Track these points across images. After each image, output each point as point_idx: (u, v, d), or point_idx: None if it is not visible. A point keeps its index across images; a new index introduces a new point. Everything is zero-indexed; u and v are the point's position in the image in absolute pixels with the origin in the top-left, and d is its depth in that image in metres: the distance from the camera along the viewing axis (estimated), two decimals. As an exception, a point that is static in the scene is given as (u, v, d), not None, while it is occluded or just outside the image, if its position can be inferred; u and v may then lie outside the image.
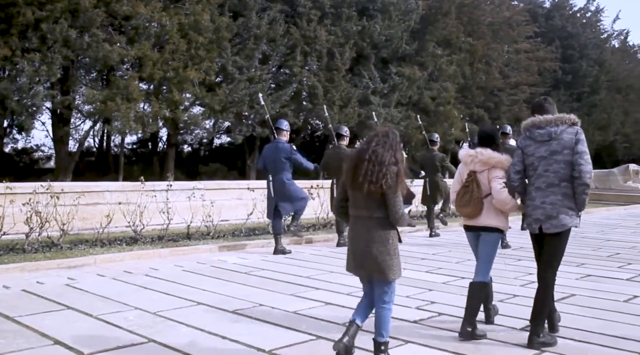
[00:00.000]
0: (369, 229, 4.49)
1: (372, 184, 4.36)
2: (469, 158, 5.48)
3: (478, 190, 5.37)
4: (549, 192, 5.06)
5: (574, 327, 5.68)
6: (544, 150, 5.07)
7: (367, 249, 4.48)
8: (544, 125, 5.10)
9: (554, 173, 5.04)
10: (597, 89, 32.32)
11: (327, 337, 5.24)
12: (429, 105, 22.48)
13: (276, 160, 9.98)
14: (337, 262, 9.17)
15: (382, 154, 4.41)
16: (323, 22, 19.29)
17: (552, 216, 5.05)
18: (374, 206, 4.46)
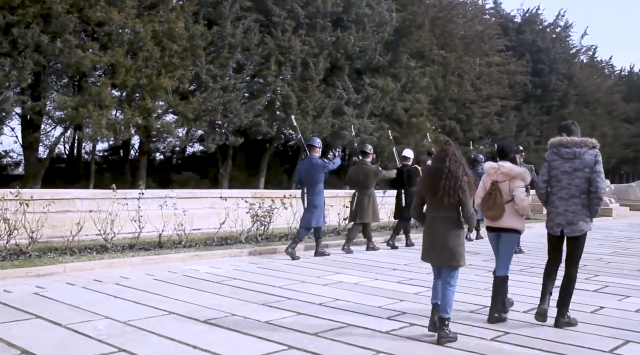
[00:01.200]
0: (447, 227, 5.68)
1: (451, 197, 5.56)
2: (492, 170, 6.44)
3: (500, 197, 6.30)
4: (571, 202, 6.07)
5: (541, 337, 5.78)
6: (568, 167, 6.10)
7: (445, 241, 5.66)
8: (571, 145, 6.13)
9: (576, 187, 6.06)
10: (566, 103, 32.89)
11: (299, 347, 5.25)
12: (402, 117, 22.66)
13: (310, 175, 10.95)
14: (310, 273, 9.19)
15: (455, 170, 5.61)
16: (298, 33, 19.36)
17: (573, 223, 6.07)
18: (451, 209, 5.65)
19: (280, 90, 19.16)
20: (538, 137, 31.17)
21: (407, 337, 5.71)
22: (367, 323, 6.13)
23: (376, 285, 8.31)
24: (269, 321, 6.10)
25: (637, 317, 6.80)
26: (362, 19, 20.88)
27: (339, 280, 8.55)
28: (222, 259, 10.35)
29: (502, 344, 5.56)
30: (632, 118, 42.50)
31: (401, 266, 10.06)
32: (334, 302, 7.07)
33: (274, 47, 18.63)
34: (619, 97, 40.12)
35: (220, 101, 17.30)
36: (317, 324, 6.04)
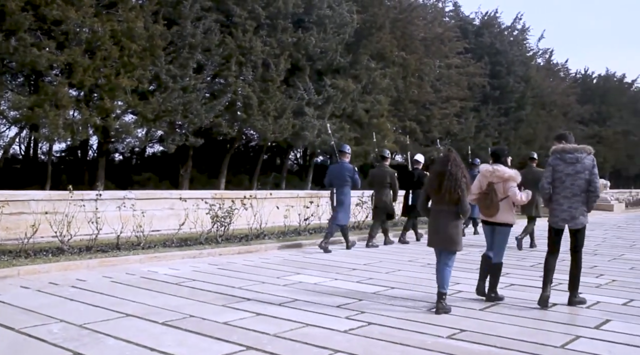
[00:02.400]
0: (447, 218, 6.86)
1: (452, 194, 6.76)
2: (487, 172, 7.53)
3: (495, 196, 7.39)
4: (574, 200, 7.10)
5: (496, 334, 5.89)
6: (571, 169, 7.07)
7: (447, 230, 6.85)
8: (573, 151, 7.12)
9: (578, 187, 7.06)
10: (523, 105, 33.43)
11: (257, 347, 5.26)
12: (363, 118, 22.75)
13: (340, 178, 12.24)
14: (269, 273, 9.20)
15: (455, 172, 6.78)
16: (258, 33, 19.28)
17: (575, 217, 7.12)
18: (451, 204, 6.82)
19: (240, 90, 19.05)
20: (496, 137, 31.63)
21: (365, 335, 5.76)
22: (326, 323, 6.17)
23: (335, 285, 8.36)
24: (228, 322, 6.09)
25: (588, 313, 7.00)
26: (323, 20, 20.91)
27: (299, 281, 8.57)
28: (181, 260, 10.28)
29: (458, 341, 5.66)
30: (586, 119, 43.46)
31: (361, 266, 10.13)
32: (293, 302, 7.09)
33: (235, 48, 18.52)
34: (574, 98, 40.95)
35: (180, 101, 17.13)
36: (276, 324, 6.05)
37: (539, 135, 34.89)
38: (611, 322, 6.57)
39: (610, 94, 47.66)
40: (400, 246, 13.33)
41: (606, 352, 5.43)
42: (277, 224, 14.42)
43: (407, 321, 6.31)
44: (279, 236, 13.34)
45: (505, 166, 7.60)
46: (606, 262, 11.29)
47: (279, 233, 13.65)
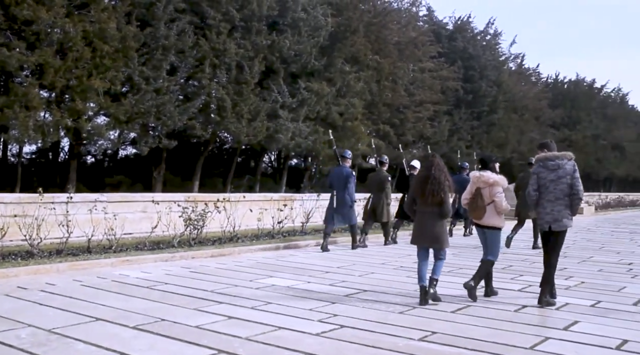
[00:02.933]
0: (433, 218, 7.50)
1: (435, 197, 7.40)
2: (475, 178, 8.01)
3: (482, 200, 7.85)
4: (557, 203, 7.54)
5: (467, 336, 5.95)
6: (554, 175, 7.57)
7: (432, 229, 7.50)
8: (554, 158, 7.64)
9: (560, 191, 7.53)
10: (495, 109, 33.78)
11: (229, 350, 5.24)
12: (337, 121, 22.79)
13: (340, 180, 13.11)
14: (242, 276, 9.17)
15: (438, 176, 7.43)
16: (233, 35, 19.20)
17: (558, 219, 7.53)
18: (434, 206, 7.45)
19: (214, 92, 18.95)
20: (469, 141, 31.92)
21: (337, 338, 5.77)
22: (298, 325, 6.17)
23: (308, 287, 8.36)
24: (199, 325, 6.06)
25: (557, 315, 7.10)
26: (298, 22, 20.91)
27: (272, 284, 8.56)
28: (153, 264, 10.20)
29: (429, 343, 5.70)
30: (558, 123, 44.08)
31: (334, 269, 10.15)
32: (266, 305, 7.08)
33: (209, 50, 18.43)
34: (545, 103, 41.52)
35: (153, 103, 16.98)
36: (248, 328, 6.04)
37: (511, 139, 35.28)
38: (579, 323, 6.67)
39: (580, 99, 48.44)
40: (373, 249, 13.38)
41: (573, 352, 5.51)
42: (250, 227, 14.39)
43: (379, 324, 6.34)
44: (253, 239, 13.31)
45: (493, 172, 8.05)
46: (575, 264, 11.46)
47: (253, 236, 13.62)
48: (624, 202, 41.48)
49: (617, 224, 23.62)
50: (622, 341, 5.93)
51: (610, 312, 7.35)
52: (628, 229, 21.50)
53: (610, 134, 50.41)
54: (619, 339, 5.98)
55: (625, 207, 39.73)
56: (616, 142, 51.71)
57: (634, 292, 8.69)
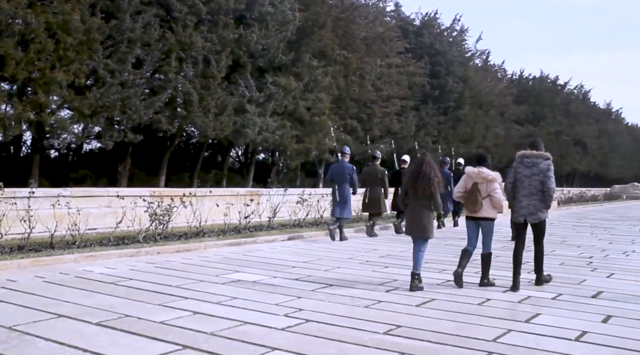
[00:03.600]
0: (422, 211, 8.18)
1: (425, 191, 8.09)
2: (473, 174, 8.53)
3: (479, 195, 8.41)
4: (531, 198, 8.29)
5: (431, 329, 6.01)
6: (528, 172, 8.31)
7: (421, 221, 8.16)
8: (531, 157, 8.38)
9: (534, 187, 8.27)
10: (461, 104, 34.17)
11: (194, 346, 5.22)
12: (304, 115, 22.80)
13: (340, 175, 13.97)
14: (208, 271, 9.13)
15: (429, 173, 8.11)
16: (199, 29, 19.05)
17: (533, 213, 8.32)
18: (424, 199, 8.16)
19: (181, 86, 18.79)
20: (435, 136, 32.23)
21: (303, 333, 5.79)
22: (264, 320, 6.17)
23: (274, 282, 8.37)
24: (164, 321, 6.02)
25: (520, 308, 7.23)
26: (265, 16, 20.83)
27: (238, 279, 8.54)
28: (117, 259, 10.09)
29: (394, 337, 5.75)
30: (522, 119, 44.81)
31: (300, 264, 10.17)
32: (231, 301, 7.07)
33: (175, 43, 18.25)
34: (510, 99, 42.14)
35: (118, 97, 16.76)
36: (214, 323, 6.02)
37: (476, 135, 35.73)
38: (541, 315, 6.80)
39: (544, 96, 49.30)
40: (341, 243, 13.45)
41: (534, 344, 5.62)
42: (217, 222, 14.33)
43: (345, 318, 6.38)
44: (219, 234, 13.25)
45: (488, 169, 8.62)
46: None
47: (219, 231, 13.56)
48: (586, 197, 42.34)
49: (578, 218, 24.09)
50: (581, 332, 6.06)
51: (571, 304, 7.50)
52: (589, 224, 21.95)
53: (573, 130, 51.42)
54: (578, 330, 6.12)
55: (586, 202, 40.55)
56: (578, 138, 52.75)
57: (594, 285, 8.89)
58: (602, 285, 8.95)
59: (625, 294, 8.24)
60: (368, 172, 15.19)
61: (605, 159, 59.69)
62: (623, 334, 6.06)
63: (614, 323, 6.59)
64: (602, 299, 7.89)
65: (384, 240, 14.35)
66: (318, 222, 16.68)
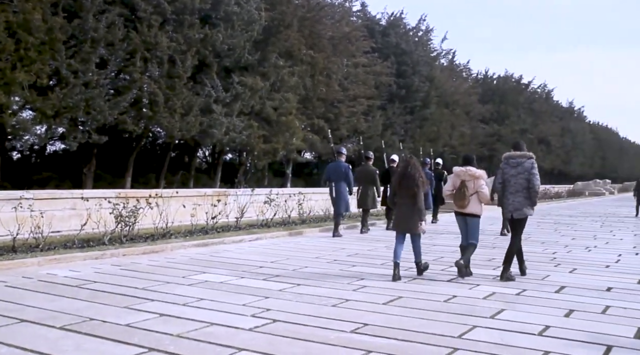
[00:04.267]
0: (409, 208, 8.95)
1: (410, 190, 8.92)
2: (461, 172, 9.22)
3: (467, 191, 9.08)
4: (517, 195, 8.96)
5: (398, 327, 6.06)
6: (514, 171, 9.00)
7: (408, 218, 8.98)
8: (516, 157, 9.09)
9: (520, 185, 8.95)
10: (428, 104, 34.46)
11: (159, 348, 5.18)
12: (271, 115, 22.74)
13: (337, 174, 14.88)
14: (175, 273, 9.06)
15: (413, 174, 8.99)
16: (164, 29, 18.86)
17: (519, 209, 8.97)
18: (410, 198, 8.92)
19: (146, 87, 18.59)
20: (402, 135, 32.43)
21: (270, 333, 5.79)
22: (231, 321, 6.16)
23: (242, 283, 8.34)
24: (130, 324, 5.96)
25: (485, 304, 7.32)
26: (231, 16, 20.72)
27: (205, 280, 8.50)
28: (82, 262, 9.94)
29: (361, 335, 5.78)
30: (487, 118, 45.36)
31: (268, 264, 10.15)
32: (198, 302, 7.03)
33: (139, 43, 18.05)
34: (475, 98, 42.65)
35: (82, 97, 16.50)
36: (180, 324, 5.98)
37: (442, 133, 36.06)
38: (505, 311, 6.90)
39: (508, 95, 50.02)
40: (309, 243, 13.46)
41: (499, 339, 5.71)
42: (184, 223, 14.23)
43: (312, 317, 6.39)
44: (186, 235, 13.15)
45: (474, 168, 9.28)
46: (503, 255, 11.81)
47: (186, 232, 13.46)
48: (550, 194, 43.05)
49: (542, 215, 24.48)
50: (544, 327, 6.18)
51: (535, 299, 7.64)
52: (553, 220, 22.32)
53: (537, 128, 52.27)
54: (541, 325, 6.23)
55: (550, 199, 41.22)
56: (542, 136, 53.63)
57: (557, 280, 9.06)
58: (565, 280, 9.12)
59: (587, 288, 8.42)
60: (361, 172, 16.02)
61: (568, 156, 60.81)
62: (584, 328, 6.19)
63: (576, 317, 6.73)
64: (565, 294, 8.05)
65: (352, 239, 14.41)
66: (286, 222, 16.67)
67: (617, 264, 11.18)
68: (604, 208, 33.63)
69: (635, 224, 21.72)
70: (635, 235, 17.29)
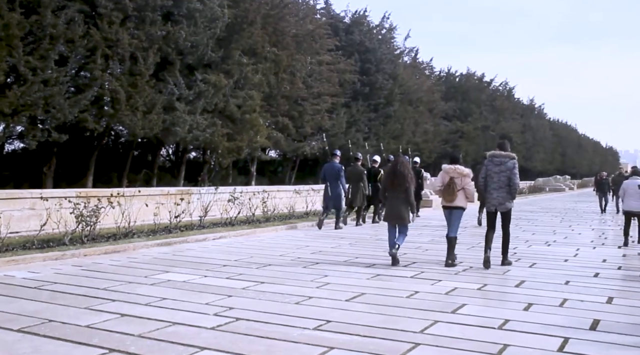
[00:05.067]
0: (399, 203, 10.10)
1: (400, 186, 10.08)
2: (450, 170, 10.22)
3: (455, 187, 10.06)
4: (500, 191, 9.94)
5: (361, 323, 6.11)
6: (497, 169, 9.95)
7: (399, 210, 10.12)
8: (499, 157, 10.03)
9: (502, 182, 9.91)
10: (391, 101, 34.62)
11: (120, 349, 5.13)
12: (235, 113, 22.60)
13: (332, 174, 16.33)
14: (137, 272, 8.97)
15: (403, 171, 10.15)
16: (126, 25, 18.59)
17: (502, 203, 9.97)
18: (401, 193, 10.08)
19: (107, 84, 18.32)
20: (366, 133, 32.56)
21: (232, 331, 5.78)
22: (193, 320, 6.13)
23: (205, 282, 8.30)
24: (90, 325, 5.89)
25: (446, 299, 7.41)
26: (193, 13, 20.53)
27: (167, 279, 8.43)
28: (42, 263, 9.77)
29: (323, 332, 5.81)
30: (450, 115, 45.80)
31: (231, 262, 10.12)
32: (161, 301, 6.97)
33: (100, 40, 17.76)
34: (439, 96, 43.01)
35: (41, 95, 16.18)
36: (142, 325, 5.93)
37: (406, 131, 36.28)
38: (466, 306, 7.01)
39: (471, 92, 50.57)
40: (273, 241, 13.46)
41: (459, 334, 5.79)
42: (147, 222, 14.09)
43: (275, 315, 6.39)
44: (149, 234, 13.02)
45: (462, 166, 10.30)
46: (465, 251, 12.00)
47: (149, 231, 13.32)
48: (512, 190, 43.60)
49: (504, 210, 24.83)
50: (504, 321, 6.29)
51: (495, 294, 7.78)
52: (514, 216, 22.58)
53: (499, 125, 52.94)
54: (501, 319, 6.34)
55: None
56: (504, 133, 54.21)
57: (517, 275, 9.23)
58: (524, 274, 9.30)
59: (546, 282, 8.59)
60: (351, 172, 17.27)
61: (530, 153, 61.78)
62: (543, 320, 6.33)
63: (535, 310, 6.87)
64: (524, 288, 8.21)
65: (316, 236, 14.44)
66: (250, 220, 16.63)
67: (576, 258, 11.44)
68: (563, 203, 34.33)
69: (593, 219, 22.22)
70: (593, 230, 17.70)
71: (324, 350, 5.22)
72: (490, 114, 51.92)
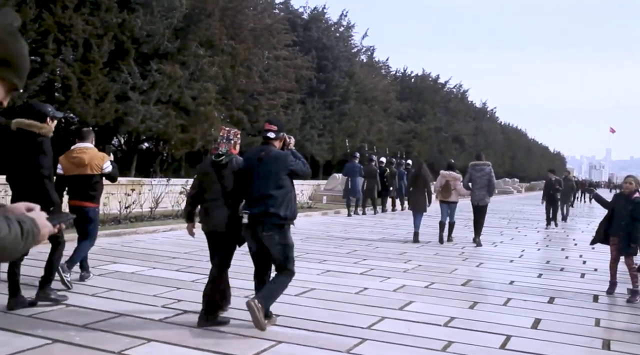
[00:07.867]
0: (420, 196, 13.71)
1: (420, 184, 13.78)
2: (447, 174, 13.56)
3: (451, 187, 13.34)
4: (482, 190, 13.31)
5: (309, 318, 6.16)
6: (479, 174, 13.36)
7: (420, 202, 13.70)
8: (480, 165, 13.48)
9: (483, 183, 13.29)
10: (347, 99, 34.80)
11: (64, 340, 5.05)
12: (190, 105, 22.37)
13: (353, 172, 20.58)
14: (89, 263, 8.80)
15: (424, 174, 13.81)
16: (80, 11, 18.21)
17: (482, 199, 13.35)
18: (422, 189, 13.79)
19: (59, 70, 17.93)
20: (321, 130, 32.65)
21: (180, 323, 5.75)
22: (140, 312, 6.07)
23: (154, 273, 8.22)
24: (33, 315, 5.78)
25: (394, 296, 7.52)
26: (151, 2, 20.21)
27: (115, 270, 8.32)
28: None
29: (272, 326, 5.82)
30: (404, 115, 46.26)
31: (181, 254, 10.04)
32: (107, 292, 6.88)
33: (53, 24, 17.35)
34: (394, 95, 43.40)
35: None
36: (87, 315, 5.84)
37: (361, 129, 36.50)
38: (414, 303, 7.13)
39: (425, 93, 51.18)
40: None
41: (406, 330, 5.89)
42: (95, 212, 13.80)
43: (224, 308, 6.37)
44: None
45: (455, 172, 13.64)
46: (415, 249, 12.18)
47: (97, 221, 13.07)
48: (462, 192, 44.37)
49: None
50: (449, 318, 6.42)
51: (442, 292, 7.91)
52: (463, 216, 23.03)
53: (452, 127, 53.77)
54: (447, 317, 6.47)
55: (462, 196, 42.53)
56: (456, 135, 55.25)
57: (464, 274, 9.42)
58: (471, 274, 9.50)
59: (492, 282, 8.80)
60: (367, 170, 21.13)
61: (481, 155, 62.80)
62: (487, 319, 6.49)
63: (480, 309, 7.03)
64: (470, 287, 8.39)
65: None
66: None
67: (521, 258, 11.74)
68: (511, 206, 35.07)
69: (539, 222, 22.78)
70: (538, 232, 18.17)
71: (272, 344, 5.24)
72: (443, 115, 52.66)
